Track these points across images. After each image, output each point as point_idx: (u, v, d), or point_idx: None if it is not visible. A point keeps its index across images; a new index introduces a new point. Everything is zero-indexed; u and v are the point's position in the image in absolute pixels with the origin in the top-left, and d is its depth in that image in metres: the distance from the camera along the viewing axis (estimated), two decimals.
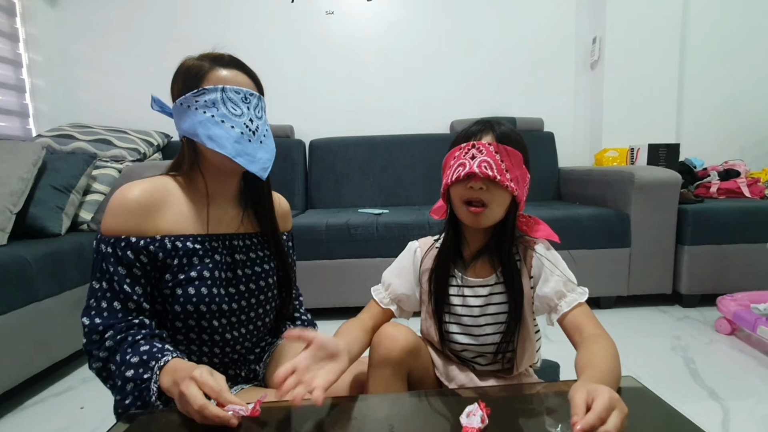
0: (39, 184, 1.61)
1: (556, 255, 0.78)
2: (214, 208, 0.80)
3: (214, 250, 0.78)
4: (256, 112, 0.76)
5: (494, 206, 0.72)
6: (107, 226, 0.70)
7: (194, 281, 0.74)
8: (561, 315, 0.72)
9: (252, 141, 0.74)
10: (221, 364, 0.83)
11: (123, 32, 2.60)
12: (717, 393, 1.26)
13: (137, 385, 0.63)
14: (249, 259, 0.83)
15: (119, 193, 0.71)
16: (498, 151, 0.71)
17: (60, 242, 1.52)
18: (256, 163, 0.74)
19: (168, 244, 0.73)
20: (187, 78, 0.75)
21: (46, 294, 1.38)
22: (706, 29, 2.61)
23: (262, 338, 0.91)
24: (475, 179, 0.71)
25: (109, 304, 0.69)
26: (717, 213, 1.90)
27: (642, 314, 1.92)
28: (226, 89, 0.73)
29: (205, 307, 0.74)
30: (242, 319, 0.81)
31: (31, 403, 1.35)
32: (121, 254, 0.69)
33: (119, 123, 2.45)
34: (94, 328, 0.68)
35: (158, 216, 0.73)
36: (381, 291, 0.84)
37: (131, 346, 0.67)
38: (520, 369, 0.78)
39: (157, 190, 0.74)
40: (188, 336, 0.77)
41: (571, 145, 2.77)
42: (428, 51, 2.70)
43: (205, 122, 0.72)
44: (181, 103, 0.75)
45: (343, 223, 1.89)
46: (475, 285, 0.78)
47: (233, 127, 0.72)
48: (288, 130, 2.60)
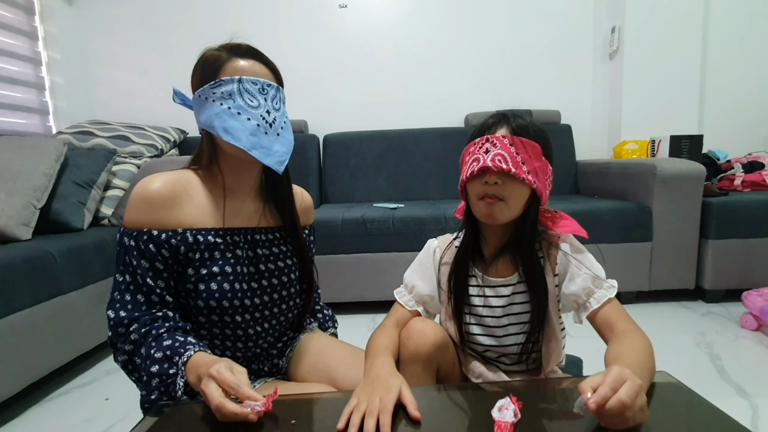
0: (61, 180, 1.63)
1: (582, 249, 0.76)
2: (234, 202, 0.79)
3: (235, 244, 0.77)
4: (274, 104, 0.75)
5: (511, 201, 0.69)
6: (129, 219, 0.71)
7: (216, 276, 0.73)
8: (591, 312, 0.70)
9: (269, 133, 0.72)
10: (244, 358, 0.83)
11: (139, 29, 2.62)
12: (745, 390, 1.23)
13: (163, 380, 0.64)
14: (272, 254, 0.82)
15: (140, 186, 0.71)
16: (513, 144, 0.68)
17: (82, 237, 1.54)
18: (272, 156, 0.73)
19: (189, 238, 0.72)
20: (205, 69, 0.74)
21: (71, 288, 1.40)
22: (729, 17, 2.52)
23: (284, 333, 0.91)
24: (490, 173, 0.68)
25: (132, 297, 0.69)
26: (742, 206, 1.85)
27: (664, 310, 1.88)
28: (243, 80, 0.72)
29: (227, 303, 0.74)
30: (266, 315, 0.81)
31: (57, 395, 1.38)
32: (144, 247, 0.69)
33: (136, 119, 2.48)
34: (120, 321, 0.68)
35: (179, 209, 0.72)
36: (405, 294, 0.82)
37: (155, 339, 0.67)
38: (548, 369, 0.77)
39: (177, 182, 0.73)
40: (212, 331, 0.76)
41: (588, 138, 2.72)
42: (442, 43, 2.66)
43: (221, 114, 0.71)
44: (199, 95, 0.74)
45: (359, 217, 1.89)
46: (497, 285, 0.76)
47: (249, 119, 0.71)
48: (302, 125, 2.60)
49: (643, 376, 0.53)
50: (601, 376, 0.47)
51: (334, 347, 0.90)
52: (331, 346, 0.90)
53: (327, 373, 0.83)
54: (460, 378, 0.79)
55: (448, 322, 0.80)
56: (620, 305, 0.71)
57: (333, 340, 0.95)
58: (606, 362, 0.60)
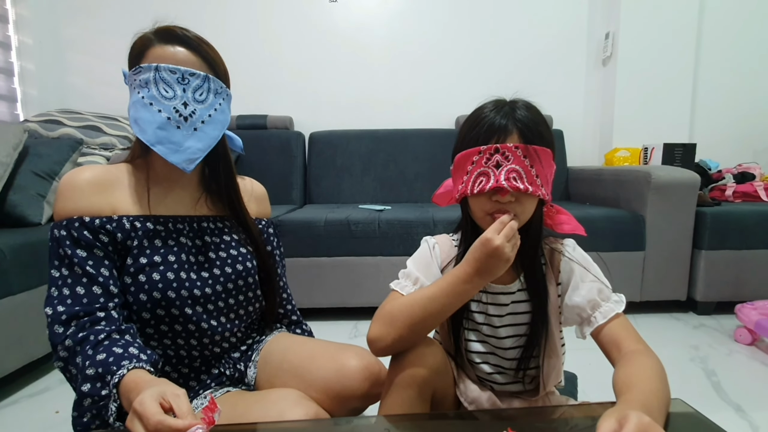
0: (19, 170, 1.51)
1: (586, 257, 0.69)
2: (175, 191, 0.74)
3: (178, 232, 0.72)
4: (197, 95, 0.68)
5: (522, 216, 0.62)
6: (58, 210, 0.65)
7: (158, 266, 0.67)
8: (596, 328, 0.62)
9: (182, 128, 0.66)
10: (202, 359, 0.75)
11: (115, 16, 2.49)
12: (743, 408, 1.17)
13: (95, 401, 0.55)
14: (223, 242, 0.77)
15: (67, 176, 0.67)
16: (527, 155, 0.60)
17: (39, 232, 1.42)
18: (181, 152, 0.66)
19: (126, 224, 0.67)
20: (132, 53, 0.70)
21: (22, 287, 1.28)
22: (723, 26, 2.51)
23: (247, 334, 0.83)
24: (503, 194, 0.60)
25: (71, 290, 0.62)
26: (736, 217, 1.81)
27: (656, 322, 1.83)
28: (160, 68, 0.66)
29: (173, 293, 0.67)
30: (220, 306, 0.74)
31: (4, 405, 1.25)
32: (77, 235, 0.63)
33: (111, 110, 2.34)
34: (57, 317, 0.61)
35: (113, 195, 0.68)
36: (407, 284, 0.69)
37: (94, 347, 0.59)
38: (548, 389, 0.69)
39: (109, 171, 0.69)
40: (159, 329, 0.69)
41: (580, 144, 2.68)
42: (435, 43, 2.60)
43: (135, 104, 0.66)
44: (127, 81, 0.69)
45: (343, 218, 1.80)
46: (497, 292, 0.69)
47: (160, 110, 0.65)
48: (287, 121, 2.50)
49: (659, 408, 0.47)
50: (616, 420, 0.41)
51: (301, 343, 0.82)
52: (298, 343, 0.82)
53: (293, 372, 0.75)
54: (454, 401, 0.71)
55: (444, 328, 0.73)
56: (628, 322, 0.63)
57: (300, 337, 0.87)
58: (615, 389, 0.53)
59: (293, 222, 1.80)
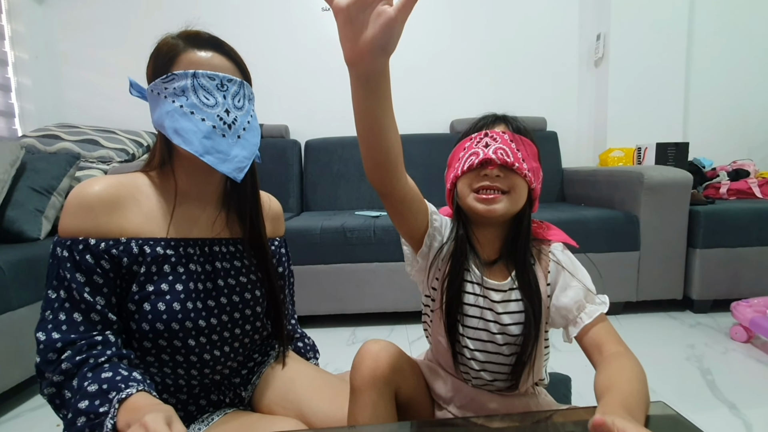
0: (17, 186, 1.52)
1: (574, 259, 0.70)
2: (190, 209, 0.70)
3: (189, 257, 0.68)
4: (236, 102, 0.66)
5: (513, 194, 0.66)
6: (63, 227, 0.62)
7: (164, 295, 0.64)
8: (581, 329, 0.63)
9: (227, 136, 0.64)
10: (201, 387, 0.73)
11: (112, 29, 2.52)
12: (737, 407, 1.18)
13: (90, 419, 0.54)
14: (233, 268, 0.73)
15: (77, 189, 0.62)
16: (513, 140, 0.66)
17: (37, 247, 1.43)
18: (229, 162, 0.64)
19: (134, 248, 0.63)
20: (158, 60, 0.66)
21: (21, 303, 1.29)
22: (714, 25, 2.53)
23: (250, 357, 0.81)
24: (492, 166, 0.64)
25: (68, 316, 0.60)
26: (730, 215, 1.82)
27: (652, 321, 1.83)
28: (198, 75, 0.63)
29: (177, 325, 0.64)
30: (225, 336, 0.71)
31: (6, 419, 1.26)
32: (79, 258, 0.60)
33: (108, 123, 2.36)
34: (51, 344, 0.58)
35: (123, 215, 0.63)
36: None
37: (93, 369, 0.58)
38: (527, 385, 0.70)
39: (122, 185, 0.65)
40: (159, 357, 0.66)
41: (574, 146, 2.69)
42: (428, 49, 2.62)
43: (172, 113, 0.62)
44: (152, 89, 0.66)
45: (339, 225, 1.81)
46: (490, 288, 0.70)
47: (204, 119, 0.62)
48: (283, 129, 2.52)
49: (638, 409, 0.48)
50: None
51: (308, 375, 0.81)
52: (305, 374, 0.81)
53: (297, 406, 0.74)
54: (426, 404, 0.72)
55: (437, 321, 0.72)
56: (610, 324, 0.64)
57: (307, 365, 0.85)
58: (596, 391, 0.54)
59: (290, 231, 1.81)
